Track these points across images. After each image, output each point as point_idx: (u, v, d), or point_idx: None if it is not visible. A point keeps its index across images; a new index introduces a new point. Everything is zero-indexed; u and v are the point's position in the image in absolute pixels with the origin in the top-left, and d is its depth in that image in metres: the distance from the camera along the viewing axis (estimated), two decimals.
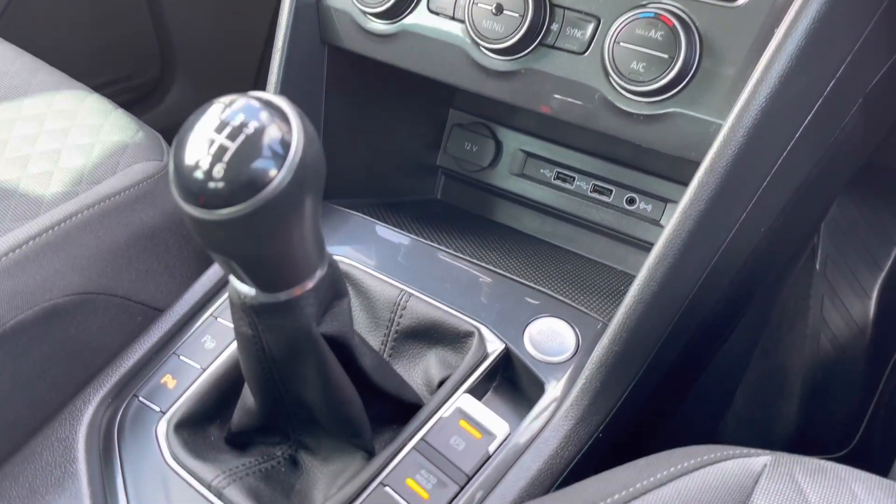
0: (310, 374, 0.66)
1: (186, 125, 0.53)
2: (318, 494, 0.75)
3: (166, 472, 0.73)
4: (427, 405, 0.76)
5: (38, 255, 0.79)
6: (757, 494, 0.63)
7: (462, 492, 0.69)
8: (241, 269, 0.57)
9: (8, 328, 0.75)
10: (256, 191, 0.50)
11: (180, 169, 0.51)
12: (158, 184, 0.93)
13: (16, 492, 0.74)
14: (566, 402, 0.74)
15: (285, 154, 0.51)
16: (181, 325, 0.86)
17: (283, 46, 0.90)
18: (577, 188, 1.05)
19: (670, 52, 0.70)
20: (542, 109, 0.81)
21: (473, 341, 0.80)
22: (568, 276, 0.94)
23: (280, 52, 0.90)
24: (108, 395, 0.80)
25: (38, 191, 0.92)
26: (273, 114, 0.52)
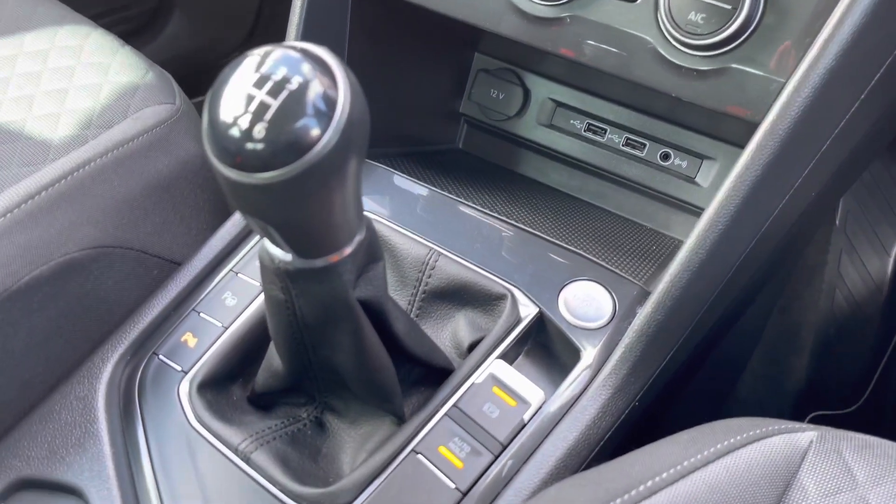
0: (343, 340, 0.63)
1: (221, 77, 0.48)
2: (345, 458, 0.73)
3: (191, 435, 0.71)
4: (459, 370, 0.74)
5: (51, 207, 0.75)
6: (804, 471, 0.61)
7: (497, 461, 0.68)
8: (277, 234, 0.53)
9: (23, 284, 0.72)
10: (301, 153, 0.46)
11: (216, 127, 0.47)
12: (172, 129, 0.88)
13: (35, 452, 0.72)
14: (604, 370, 0.71)
15: (331, 112, 0.46)
16: (200, 279, 0.83)
17: None
18: (608, 141, 1.01)
19: (733, 2, 0.65)
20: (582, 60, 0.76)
21: (506, 304, 0.77)
22: (599, 236, 0.90)
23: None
24: (126, 353, 0.77)
25: (44, 134, 0.87)
26: (317, 67, 0.47)
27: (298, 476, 0.68)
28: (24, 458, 0.71)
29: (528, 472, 0.67)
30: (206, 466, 0.69)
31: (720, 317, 0.84)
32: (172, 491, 0.69)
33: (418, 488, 0.66)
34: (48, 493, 0.70)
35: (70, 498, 0.69)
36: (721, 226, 0.67)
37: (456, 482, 0.66)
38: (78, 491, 0.69)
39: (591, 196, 1.03)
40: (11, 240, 0.72)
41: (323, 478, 0.71)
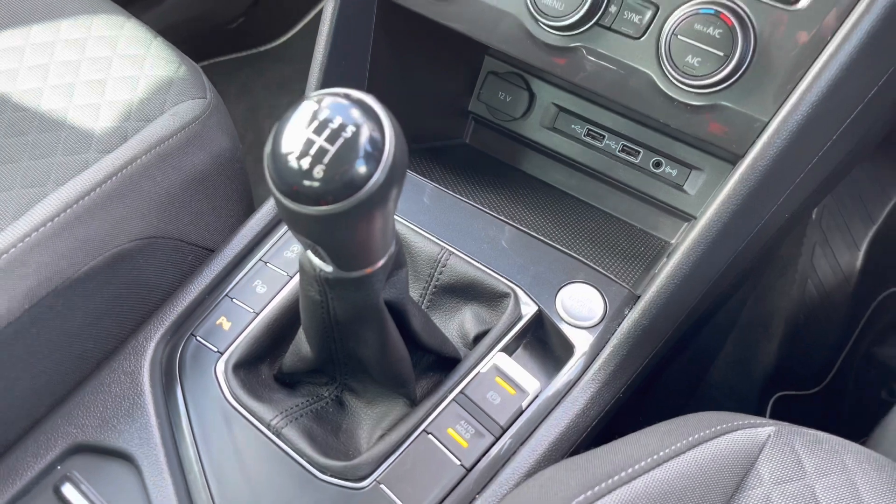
0: (370, 335, 0.72)
1: (284, 121, 0.56)
2: (362, 434, 0.83)
3: (228, 411, 0.80)
4: (465, 361, 0.83)
5: (104, 202, 0.83)
6: (761, 462, 0.72)
7: (497, 442, 0.77)
8: (324, 251, 0.61)
9: (82, 273, 0.80)
10: (353, 191, 0.54)
11: (279, 164, 0.55)
12: (205, 125, 0.95)
13: (88, 420, 0.81)
14: (594, 365, 0.81)
15: (379, 156, 0.54)
16: (232, 267, 0.91)
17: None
18: (605, 147, 1.09)
19: (726, 50, 0.73)
20: (587, 85, 0.84)
21: (509, 302, 0.86)
22: (594, 237, 0.99)
23: (333, 2, 0.90)
24: (166, 333, 0.86)
25: (87, 123, 0.94)
26: (367, 115, 0.55)
27: (323, 449, 0.78)
28: (79, 426, 0.80)
29: (525, 453, 0.77)
30: (242, 439, 0.79)
31: (700, 315, 0.94)
32: (212, 459, 0.78)
33: (428, 464, 0.76)
34: (101, 457, 0.79)
35: (121, 462, 0.78)
36: (702, 248, 0.76)
37: (461, 459, 0.76)
38: (129, 456, 0.78)
39: (588, 196, 1.12)
40: (72, 233, 0.80)
41: (343, 451, 0.80)
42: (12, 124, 0.95)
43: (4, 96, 0.98)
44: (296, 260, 0.90)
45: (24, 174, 0.89)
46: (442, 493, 0.75)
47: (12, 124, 0.95)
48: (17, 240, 0.77)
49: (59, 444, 0.79)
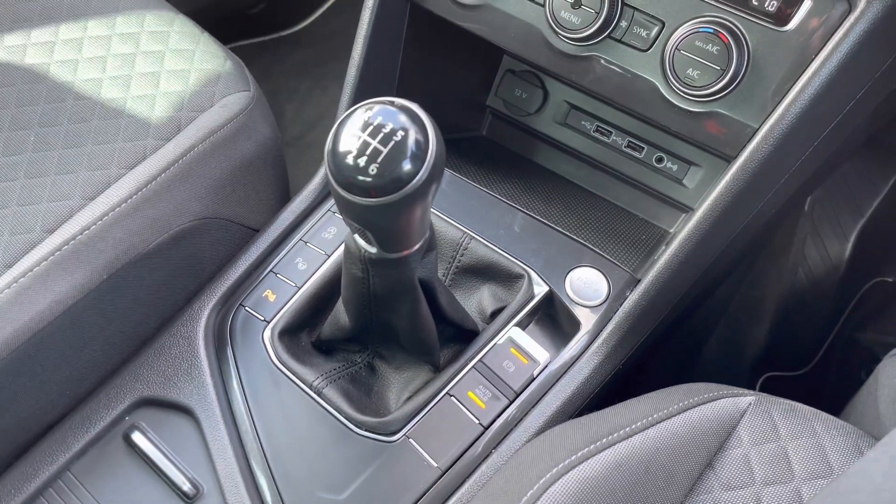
0: (403, 309, 0.83)
1: (343, 124, 0.66)
2: (391, 396, 0.94)
3: (274, 372, 0.91)
4: (483, 333, 0.94)
5: (169, 186, 0.93)
6: (741, 426, 0.82)
7: (511, 405, 0.88)
8: (371, 235, 0.72)
9: (151, 248, 0.91)
10: (401, 186, 0.64)
11: (339, 162, 0.65)
12: (251, 116, 1.05)
13: (152, 378, 0.92)
14: (597, 340, 0.92)
15: (424, 157, 0.65)
16: (275, 245, 1.02)
17: (373, 5, 1.00)
18: (613, 142, 1.19)
19: (722, 64, 0.82)
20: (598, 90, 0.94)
21: (523, 283, 0.96)
22: (600, 225, 1.09)
23: (370, 10, 1.00)
24: (218, 303, 0.97)
25: (144, 113, 1.04)
26: (414, 122, 0.65)
27: (358, 407, 0.89)
28: (145, 382, 0.91)
29: (535, 414, 0.88)
30: (287, 397, 0.90)
31: (694, 298, 1.04)
32: (261, 414, 0.89)
33: (451, 422, 0.87)
34: (164, 410, 0.90)
35: (181, 415, 0.90)
36: (696, 238, 0.87)
37: (480, 419, 0.87)
38: (188, 409, 0.89)
39: (594, 186, 1.21)
40: (142, 213, 0.90)
41: (375, 410, 0.91)
42: (75, 111, 1.05)
43: (67, 85, 1.08)
44: (333, 241, 1.01)
45: (89, 158, 0.99)
46: (462, 447, 0.86)
47: (75, 111, 1.05)
48: (97, 218, 0.88)
49: (128, 398, 0.90)
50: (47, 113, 1.05)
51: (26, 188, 0.96)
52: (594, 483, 0.73)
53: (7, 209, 0.95)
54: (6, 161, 1.00)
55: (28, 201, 0.95)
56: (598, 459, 0.74)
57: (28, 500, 0.85)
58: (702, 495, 0.77)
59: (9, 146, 1.01)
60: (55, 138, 1.02)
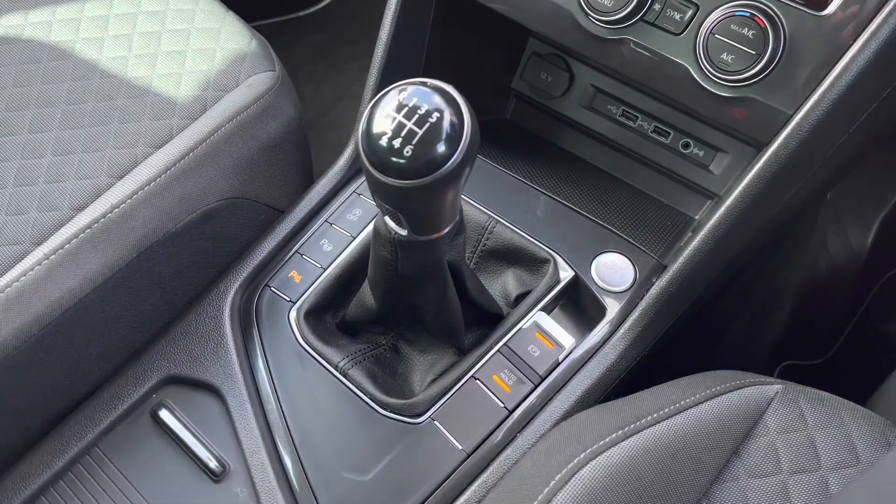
0: (431, 291, 0.83)
1: (377, 105, 0.66)
2: (415, 378, 0.94)
3: (300, 353, 0.92)
4: (509, 317, 0.94)
5: (197, 166, 0.93)
6: (768, 414, 0.82)
7: (536, 389, 0.88)
8: (402, 217, 0.71)
9: (179, 227, 0.91)
10: (436, 168, 0.64)
11: (373, 143, 0.65)
12: (276, 96, 1.05)
13: (179, 356, 0.92)
14: (623, 326, 0.91)
15: (459, 139, 0.64)
16: (300, 226, 1.02)
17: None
18: (639, 127, 1.18)
19: (758, 49, 0.81)
20: (629, 74, 0.93)
21: (549, 267, 0.96)
22: (625, 210, 1.09)
23: None
24: (244, 283, 0.97)
25: (170, 91, 1.04)
26: (449, 103, 0.65)
27: (384, 389, 0.89)
28: (172, 360, 0.92)
29: (560, 399, 0.88)
30: (313, 377, 0.90)
31: (718, 285, 1.04)
32: (286, 394, 0.90)
33: (476, 405, 0.87)
34: (190, 388, 0.91)
35: (207, 393, 0.90)
36: (725, 227, 0.86)
37: (505, 403, 0.87)
38: (215, 388, 0.90)
39: (619, 171, 1.21)
40: (171, 192, 0.90)
41: (400, 391, 0.92)
42: (102, 89, 1.05)
43: (93, 62, 1.08)
44: (357, 222, 1.01)
45: (115, 136, 0.99)
46: (487, 430, 0.86)
47: (102, 89, 1.05)
48: (127, 196, 0.88)
49: (155, 376, 0.91)
50: (74, 90, 1.05)
51: (54, 166, 0.97)
52: (622, 468, 0.73)
53: (35, 186, 0.95)
54: (33, 138, 1.00)
55: (55, 179, 0.95)
56: (627, 445, 0.74)
57: (58, 474, 0.86)
58: (728, 482, 0.77)
59: (36, 123, 1.01)
60: (82, 116, 1.02)
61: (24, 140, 1.00)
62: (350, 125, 2.11)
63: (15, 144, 0.99)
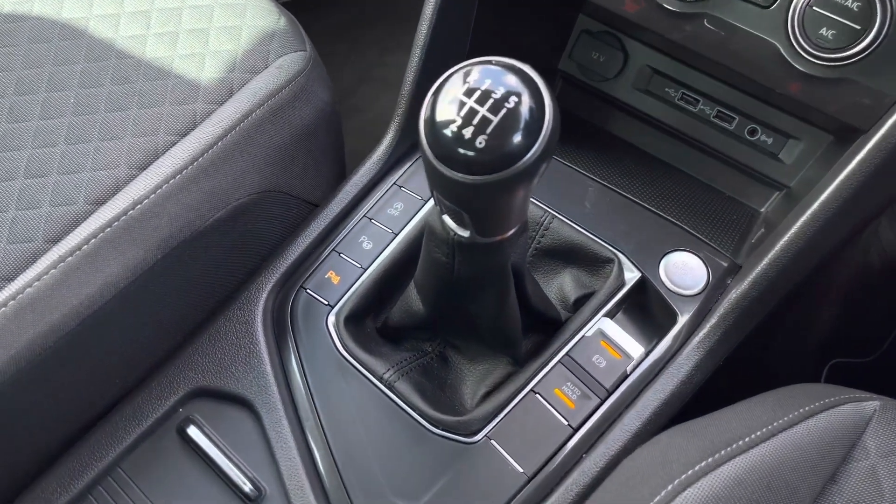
0: (490, 297, 0.74)
1: (443, 88, 0.56)
2: (466, 390, 0.86)
3: (341, 363, 0.83)
4: (570, 324, 0.85)
5: (226, 157, 0.84)
6: (867, 434, 0.73)
7: (602, 404, 0.80)
8: (467, 216, 0.62)
9: (207, 225, 0.82)
10: (512, 163, 0.55)
11: (441, 134, 0.56)
12: (309, 78, 0.96)
13: (208, 366, 0.84)
14: (698, 334, 0.82)
15: (539, 129, 0.55)
16: (337, 221, 0.93)
17: None
18: (700, 112, 1.08)
19: (864, 23, 0.72)
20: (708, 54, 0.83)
21: (612, 268, 0.87)
22: (688, 203, 0.99)
23: None
24: (276, 284, 0.88)
25: (192, 73, 0.95)
26: (528, 86, 0.55)
27: (433, 403, 0.81)
28: (200, 371, 0.83)
29: (630, 416, 0.79)
30: (356, 390, 0.82)
31: None
32: (326, 408, 0.81)
33: (536, 422, 0.79)
34: (220, 401, 0.82)
35: (239, 407, 0.82)
36: (820, 222, 0.76)
37: (568, 419, 0.79)
38: (247, 402, 0.81)
39: (678, 161, 1.11)
40: (199, 186, 0.81)
41: (450, 405, 0.83)
42: (118, 71, 0.96)
43: (108, 42, 0.99)
44: (400, 217, 0.92)
45: (134, 122, 0.90)
46: (550, 450, 0.78)
47: (118, 71, 0.96)
48: (150, 191, 0.79)
49: (182, 388, 0.82)
50: (88, 72, 0.96)
51: (67, 155, 0.88)
52: (714, 502, 0.64)
53: (47, 178, 0.87)
54: (45, 125, 0.91)
55: (70, 169, 0.87)
56: (718, 475, 0.66)
57: (77, 497, 0.78)
58: None
59: (47, 108, 0.93)
60: (97, 101, 0.93)
61: (34, 127, 0.91)
62: (372, 109, 2.03)
63: (25, 132, 0.90)
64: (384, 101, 2.03)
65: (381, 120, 2.00)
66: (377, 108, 2.04)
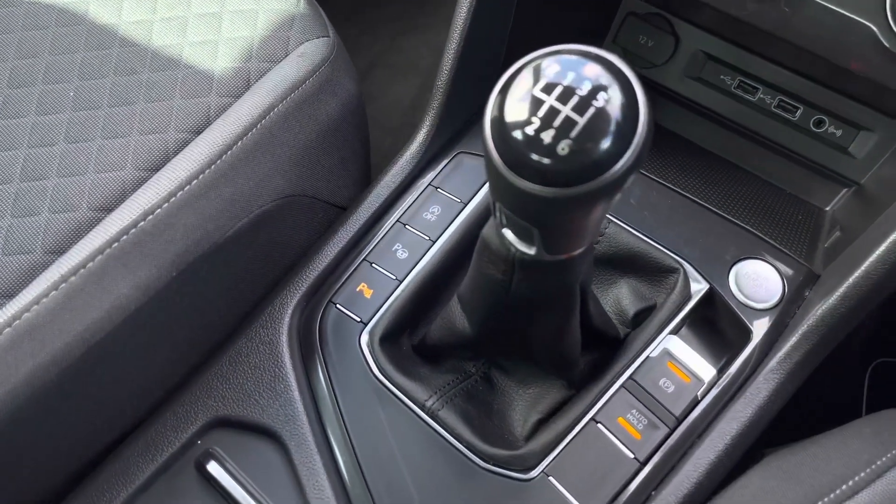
0: (552, 319, 0.65)
1: (516, 82, 0.47)
2: (516, 416, 0.77)
3: (377, 389, 0.74)
4: (630, 342, 0.76)
5: (248, 158, 0.74)
6: None
7: (672, 434, 0.71)
8: (537, 232, 0.53)
9: (229, 236, 0.72)
10: (599, 173, 0.45)
11: (514, 138, 0.46)
12: (334, 68, 0.86)
13: (229, 392, 0.75)
14: (777, 353, 0.73)
15: (632, 133, 0.46)
16: (367, 227, 0.84)
17: None
18: (759, 101, 0.99)
19: None
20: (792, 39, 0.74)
21: (676, 279, 0.78)
22: (753, 204, 0.90)
23: None
24: (302, 299, 0.79)
25: (204, 63, 0.85)
26: (618, 81, 0.46)
27: (482, 434, 0.72)
28: (219, 399, 0.75)
29: (704, 448, 0.70)
30: (395, 420, 0.73)
31: None
32: (362, 441, 0.72)
33: (599, 455, 0.70)
34: (243, 432, 0.74)
35: (265, 439, 0.73)
36: None
37: (635, 452, 0.70)
38: (274, 433, 0.72)
39: (732, 154, 1.02)
40: (218, 192, 0.72)
41: (499, 435, 0.74)
42: (122, 61, 0.87)
43: (110, 28, 0.90)
44: (437, 223, 0.83)
45: (141, 118, 0.81)
46: (615, 487, 0.69)
47: (122, 61, 0.87)
48: (163, 199, 0.69)
49: (200, 418, 0.74)
50: (89, 62, 0.87)
51: (68, 155, 0.79)
52: None
53: (46, 180, 0.78)
54: (42, 121, 0.82)
55: (71, 171, 0.78)
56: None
57: None
58: None
59: (45, 102, 0.83)
60: (100, 94, 0.84)
61: (31, 123, 0.82)
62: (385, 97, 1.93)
63: (20, 129, 0.81)
64: (398, 88, 1.93)
65: (395, 109, 1.90)
66: (391, 96, 1.94)
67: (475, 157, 0.87)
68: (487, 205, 0.83)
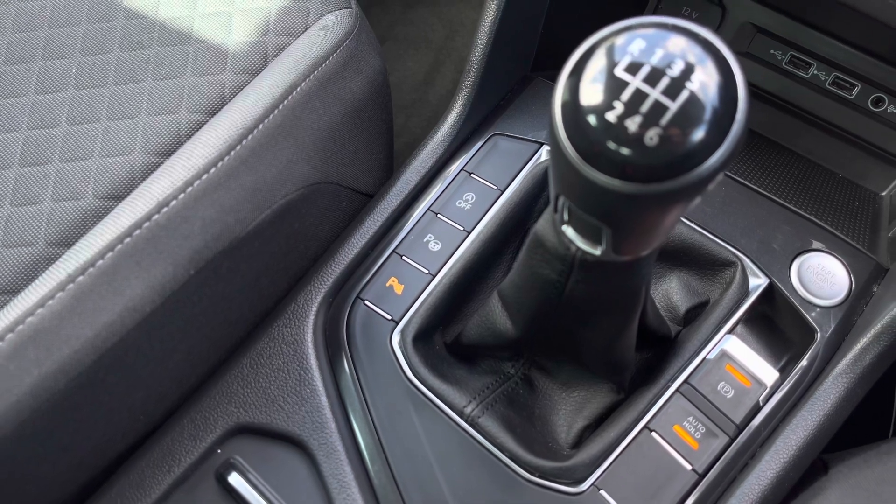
0: (610, 321, 0.59)
1: (592, 59, 0.41)
2: (559, 421, 0.71)
3: (412, 394, 0.68)
4: (683, 342, 0.70)
5: (270, 143, 0.67)
6: None
7: (733, 444, 0.66)
8: (607, 231, 0.47)
9: (251, 229, 0.66)
10: (690, 167, 0.39)
11: (592, 124, 0.40)
12: (358, 42, 0.79)
13: (251, 397, 0.69)
14: (847, 355, 0.67)
15: (731, 120, 0.39)
16: (395, 217, 0.77)
17: None
18: (812, 77, 0.92)
19: None
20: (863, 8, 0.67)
21: (734, 273, 0.72)
22: (809, 190, 0.84)
23: None
24: (328, 295, 0.73)
25: (217, 38, 0.79)
26: (714, 59, 0.40)
27: (526, 444, 0.67)
28: (241, 404, 0.69)
29: (768, 458, 0.65)
30: (432, 429, 0.67)
31: None
32: (395, 451, 0.67)
33: (653, 467, 0.65)
34: (267, 441, 0.68)
35: (290, 448, 0.68)
36: None
37: (692, 463, 0.65)
38: (300, 442, 0.67)
39: (778, 135, 0.96)
40: (239, 182, 0.65)
41: (543, 443, 0.69)
42: (127, 34, 0.80)
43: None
44: (472, 212, 0.76)
45: (149, 98, 0.75)
46: (672, 501, 0.64)
47: (127, 34, 0.80)
48: (178, 189, 0.63)
49: (220, 425, 0.68)
50: (91, 36, 0.80)
51: (71, 137, 0.73)
52: None
53: (48, 165, 0.71)
54: (41, 100, 0.76)
55: (74, 155, 0.71)
56: None
57: None
58: None
59: (45, 80, 0.77)
60: (104, 70, 0.77)
61: (29, 103, 0.76)
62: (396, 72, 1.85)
63: (19, 109, 0.75)
64: (409, 62, 1.85)
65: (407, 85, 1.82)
66: (401, 70, 1.86)
67: (512, 139, 0.80)
68: (526, 191, 0.77)
